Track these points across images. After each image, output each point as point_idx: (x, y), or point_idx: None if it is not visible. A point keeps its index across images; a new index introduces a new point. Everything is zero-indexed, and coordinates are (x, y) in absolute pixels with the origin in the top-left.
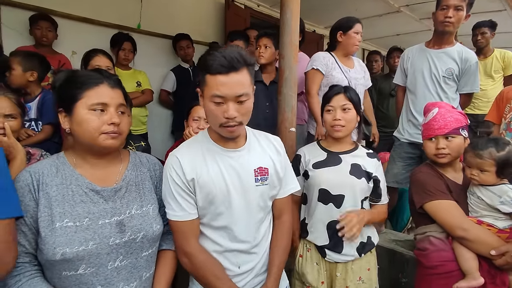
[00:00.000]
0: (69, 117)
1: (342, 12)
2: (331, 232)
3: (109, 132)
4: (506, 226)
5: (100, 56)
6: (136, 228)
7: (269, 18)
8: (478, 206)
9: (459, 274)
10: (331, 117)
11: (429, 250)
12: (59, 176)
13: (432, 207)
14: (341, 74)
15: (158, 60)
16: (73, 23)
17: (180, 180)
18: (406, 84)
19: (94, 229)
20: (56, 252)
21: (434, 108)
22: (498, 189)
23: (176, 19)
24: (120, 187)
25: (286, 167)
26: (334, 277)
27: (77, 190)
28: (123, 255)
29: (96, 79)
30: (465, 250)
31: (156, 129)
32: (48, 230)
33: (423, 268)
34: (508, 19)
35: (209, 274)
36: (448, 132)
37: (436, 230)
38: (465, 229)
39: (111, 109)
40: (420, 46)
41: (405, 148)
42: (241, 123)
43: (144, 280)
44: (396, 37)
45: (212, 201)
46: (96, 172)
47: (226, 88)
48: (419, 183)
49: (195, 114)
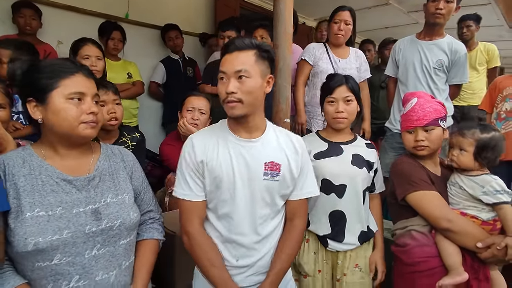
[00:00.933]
0: (42, 107)
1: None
2: (333, 221)
3: (88, 122)
4: (489, 217)
5: (89, 45)
6: (112, 216)
7: (259, 9)
8: (460, 197)
9: (442, 270)
10: (333, 109)
11: (410, 246)
12: (26, 166)
13: (416, 198)
14: (328, 64)
15: (147, 51)
16: (58, 11)
17: (191, 160)
18: (398, 76)
19: (68, 217)
20: (28, 243)
21: (413, 98)
22: (481, 179)
23: (165, 9)
24: (94, 176)
25: (305, 169)
26: (335, 265)
27: (47, 180)
28: (100, 243)
29: (72, 68)
30: (449, 243)
31: (147, 121)
32: (18, 221)
33: (403, 266)
34: (492, 13)
35: (204, 258)
36: (427, 124)
37: (419, 223)
38: (450, 220)
39: (88, 99)
40: (411, 38)
41: (396, 138)
42: (242, 101)
43: (123, 268)
44: (384, 30)
45: (218, 185)
46: (66, 163)
47: (227, 64)
48: (402, 174)
49: (189, 104)
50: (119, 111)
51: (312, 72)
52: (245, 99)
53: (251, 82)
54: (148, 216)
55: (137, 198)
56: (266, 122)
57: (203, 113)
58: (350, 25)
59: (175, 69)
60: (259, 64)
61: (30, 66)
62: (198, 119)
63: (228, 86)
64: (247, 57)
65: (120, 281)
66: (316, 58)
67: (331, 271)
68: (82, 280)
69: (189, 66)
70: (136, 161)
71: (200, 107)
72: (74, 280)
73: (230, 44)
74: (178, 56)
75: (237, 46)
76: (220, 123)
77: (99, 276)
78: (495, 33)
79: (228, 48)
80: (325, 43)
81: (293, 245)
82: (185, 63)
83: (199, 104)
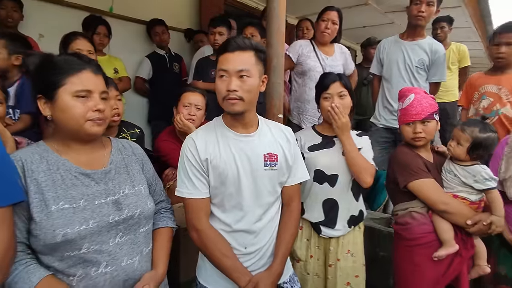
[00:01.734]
0: (50, 104)
1: (315, 3)
2: (326, 209)
3: (94, 119)
4: (477, 199)
5: (80, 39)
6: (132, 206)
7: (243, 6)
8: (454, 182)
9: (437, 243)
10: (329, 104)
11: (411, 224)
12: (44, 162)
13: (417, 186)
14: (315, 62)
15: (132, 46)
16: (39, 3)
17: (195, 160)
18: (382, 73)
19: (92, 208)
20: (57, 234)
21: (411, 94)
22: (472, 169)
23: (150, 4)
24: (110, 169)
25: (296, 156)
26: (328, 251)
27: (66, 174)
28: (122, 231)
29: (79, 65)
30: (444, 222)
31: (132, 118)
32: (43, 215)
33: (403, 241)
34: (462, 15)
35: (216, 250)
36: (425, 117)
37: (418, 205)
38: (446, 203)
39: (95, 96)
40: (395, 38)
41: (381, 133)
42: (242, 98)
43: (144, 254)
44: (362, 29)
45: (223, 181)
46: (81, 158)
47: (229, 63)
48: (403, 164)
49: (186, 100)
50: (121, 107)
51: (301, 70)
52: (246, 97)
53: (251, 81)
54: (160, 206)
55: (149, 189)
56: (258, 117)
57: (199, 109)
58: (336, 25)
59: (162, 64)
60: (257, 64)
61: (42, 61)
62: (195, 115)
63: (230, 84)
64: (248, 58)
65: (142, 266)
66: (304, 57)
67: (323, 257)
68: (110, 266)
69: (176, 62)
70: (144, 153)
71: (196, 103)
72: (102, 266)
73: (231, 43)
74: (164, 52)
75: (239, 46)
76: (215, 120)
77: (124, 262)
78: (464, 35)
79: (229, 47)
80: (312, 41)
81: (294, 225)
82: (171, 59)
83: (195, 99)
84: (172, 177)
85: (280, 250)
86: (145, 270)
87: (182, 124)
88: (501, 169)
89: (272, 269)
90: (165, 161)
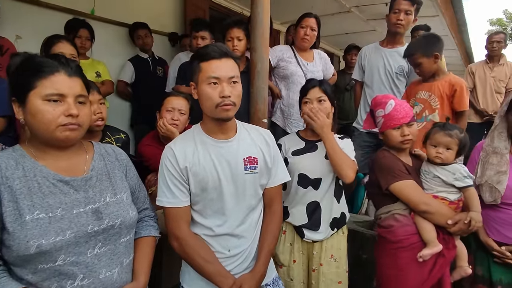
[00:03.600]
0: (22, 107)
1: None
2: (309, 211)
3: (66, 124)
4: (455, 198)
5: (63, 43)
6: (113, 215)
7: (227, 11)
8: (433, 183)
9: (420, 245)
10: (308, 109)
11: (394, 227)
12: (20, 168)
13: (398, 187)
14: (296, 67)
15: (115, 50)
16: (16, 3)
17: (174, 169)
18: (364, 79)
19: (70, 218)
20: (30, 246)
21: (389, 100)
22: (452, 167)
23: (133, 7)
24: (90, 176)
25: (276, 158)
26: (311, 256)
27: (44, 181)
28: (102, 242)
29: (52, 67)
30: (426, 222)
31: (114, 122)
32: (17, 225)
33: (387, 243)
34: (440, 24)
35: (198, 257)
36: (410, 120)
37: (400, 208)
38: (427, 204)
39: (69, 100)
40: (375, 45)
41: (363, 137)
42: (235, 104)
43: (125, 266)
44: (345, 36)
45: (204, 188)
46: (60, 164)
47: (221, 70)
48: (384, 167)
49: (169, 105)
50: (105, 111)
51: (282, 74)
52: (237, 102)
53: (239, 87)
54: (143, 214)
55: (132, 196)
56: (236, 122)
57: (182, 114)
58: (315, 31)
59: (145, 68)
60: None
61: (20, 62)
62: (178, 120)
63: (224, 90)
64: (234, 64)
65: (122, 278)
66: (285, 62)
67: (307, 261)
68: (87, 279)
69: (159, 66)
70: (129, 159)
71: (179, 107)
72: (79, 279)
73: (215, 49)
74: (148, 55)
75: (225, 53)
76: (194, 128)
77: (102, 274)
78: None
79: (215, 54)
80: (292, 46)
81: (276, 227)
82: (155, 63)
83: (178, 104)
84: (155, 183)
85: (263, 251)
86: (125, 282)
87: (165, 129)
88: (477, 173)
89: (255, 271)
90: (148, 166)
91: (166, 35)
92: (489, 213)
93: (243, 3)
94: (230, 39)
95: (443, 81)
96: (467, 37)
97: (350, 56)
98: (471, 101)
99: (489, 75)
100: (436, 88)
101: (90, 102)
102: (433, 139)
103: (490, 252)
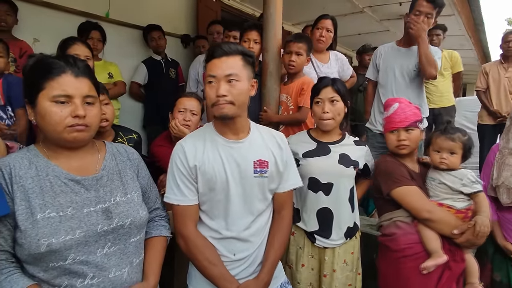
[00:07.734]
0: (33, 109)
1: (310, 10)
2: (321, 218)
3: (74, 125)
4: (463, 206)
5: (78, 45)
6: (123, 215)
7: (239, 13)
8: (439, 190)
9: (424, 255)
10: (320, 110)
11: (397, 235)
12: (33, 168)
13: (400, 193)
14: (310, 69)
15: (128, 51)
16: (34, 7)
17: (183, 167)
18: (378, 79)
19: (80, 217)
20: (41, 244)
21: (395, 103)
22: (459, 173)
23: (147, 9)
24: (101, 176)
25: (288, 163)
26: (323, 261)
27: (55, 181)
28: (111, 241)
29: (59, 68)
30: (429, 231)
31: (127, 123)
32: (29, 223)
33: (390, 253)
34: (455, 24)
35: (203, 258)
36: (408, 125)
37: (402, 215)
38: (430, 211)
39: (76, 101)
40: (392, 45)
41: (377, 138)
42: (233, 103)
43: (135, 265)
44: (358, 36)
45: (212, 188)
46: (72, 163)
47: (217, 68)
48: (386, 172)
49: (181, 105)
50: (109, 112)
51: None
52: (236, 100)
53: (240, 85)
54: (155, 213)
55: (143, 196)
56: (250, 123)
57: (194, 114)
58: (331, 33)
59: (158, 70)
60: (246, 68)
61: (33, 63)
62: (190, 120)
63: (219, 89)
64: (236, 62)
65: (132, 278)
66: None
67: (317, 266)
68: (96, 278)
69: (172, 68)
70: (140, 159)
71: (191, 108)
72: (89, 278)
73: (217, 49)
74: (161, 57)
75: (225, 51)
76: (206, 126)
77: (112, 274)
78: (457, 42)
79: (215, 53)
80: None
81: (284, 234)
82: (167, 64)
83: (190, 105)
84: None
85: (269, 259)
86: (134, 282)
87: (177, 130)
88: (493, 175)
89: (259, 278)
90: (160, 166)
91: (179, 37)
92: (506, 216)
93: (255, 5)
94: (246, 40)
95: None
96: (484, 36)
97: (363, 56)
98: (484, 102)
99: (503, 75)
100: (291, 90)
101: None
102: (435, 144)
103: (509, 256)
